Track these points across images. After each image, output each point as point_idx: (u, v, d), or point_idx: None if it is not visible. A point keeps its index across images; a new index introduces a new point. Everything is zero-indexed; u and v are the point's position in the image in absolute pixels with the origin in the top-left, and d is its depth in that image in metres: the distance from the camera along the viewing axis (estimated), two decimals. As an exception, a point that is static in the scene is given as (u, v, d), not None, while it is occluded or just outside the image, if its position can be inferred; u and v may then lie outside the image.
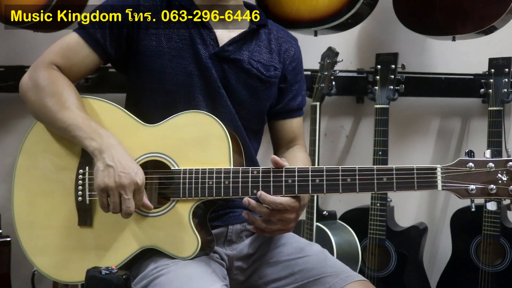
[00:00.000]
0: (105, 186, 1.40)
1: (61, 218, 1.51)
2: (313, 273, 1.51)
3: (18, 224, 1.55)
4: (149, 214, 1.48)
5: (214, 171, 1.44)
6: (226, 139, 1.46)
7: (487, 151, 1.31)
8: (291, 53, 1.71)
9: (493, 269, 2.40)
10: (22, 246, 1.54)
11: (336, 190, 1.39)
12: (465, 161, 1.31)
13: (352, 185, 1.38)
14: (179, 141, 1.49)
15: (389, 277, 2.41)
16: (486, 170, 1.29)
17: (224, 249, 1.62)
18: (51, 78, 1.52)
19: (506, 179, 1.28)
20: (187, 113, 1.50)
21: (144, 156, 1.50)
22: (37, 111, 1.52)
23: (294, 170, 1.41)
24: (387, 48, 2.62)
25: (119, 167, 1.39)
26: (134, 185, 1.39)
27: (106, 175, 1.40)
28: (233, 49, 1.62)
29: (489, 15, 2.21)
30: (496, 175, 1.29)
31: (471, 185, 1.30)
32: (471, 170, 1.30)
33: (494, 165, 1.29)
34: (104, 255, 1.49)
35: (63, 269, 1.51)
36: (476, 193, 1.30)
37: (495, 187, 1.29)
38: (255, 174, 1.43)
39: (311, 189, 1.40)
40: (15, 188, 1.56)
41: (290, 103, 1.72)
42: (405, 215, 2.67)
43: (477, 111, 2.68)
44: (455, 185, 1.31)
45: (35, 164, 1.54)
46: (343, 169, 1.39)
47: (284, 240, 1.63)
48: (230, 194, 1.44)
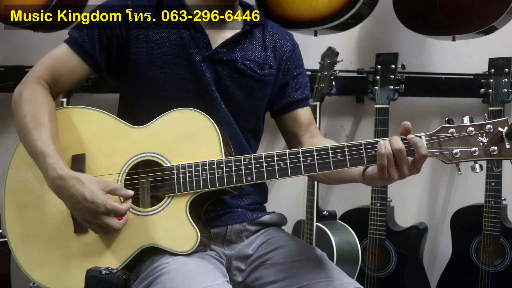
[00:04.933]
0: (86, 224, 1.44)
1: (56, 228, 1.51)
2: (308, 277, 1.50)
3: (11, 239, 1.53)
4: (145, 213, 1.48)
5: (207, 163, 1.46)
6: (215, 131, 1.48)
7: (465, 118, 1.37)
8: (288, 48, 1.71)
9: (493, 269, 2.40)
10: (18, 261, 1.52)
11: (328, 168, 1.40)
12: (447, 128, 1.37)
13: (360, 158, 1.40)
14: (169, 139, 1.50)
15: (389, 277, 2.41)
16: (467, 134, 1.36)
17: (223, 248, 1.62)
18: (35, 98, 1.52)
19: (486, 141, 1.35)
20: (174, 111, 1.51)
21: (136, 157, 1.50)
22: (16, 124, 1.53)
23: (285, 154, 1.43)
24: (387, 48, 2.62)
25: (75, 205, 1.41)
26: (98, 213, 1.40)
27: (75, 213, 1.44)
28: (226, 51, 1.61)
29: (489, 15, 2.21)
30: (477, 138, 1.35)
31: (455, 149, 1.35)
32: (453, 136, 1.36)
33: (474, 129, 1.35)
34: (103, 259, 1.48)
35: (62, 278, 1.50)
36: (460, 156, 1.35)
37: (477, 149, 1.35)
38: (247, 162, 1.44)
39: (303, 169, 1.42)
40: (6, 202, 1.55)
41: (296, 95, 1.71)
42: (405, 215, 2.68)
43: (477, 111, 2.68)
44: (440, 150, 1.36)
45: (25, 177, 1.54)
46: (332, 147, 1.41)
47: (283, 242, 1.62)
48: (225, 183, 1.45)
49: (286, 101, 1.70)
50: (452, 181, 2.79)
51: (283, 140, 1.76)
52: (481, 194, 2.41)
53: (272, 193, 2.51)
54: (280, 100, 1.71)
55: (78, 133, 1.54)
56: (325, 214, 2.38)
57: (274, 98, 1.71)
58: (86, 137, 1.54)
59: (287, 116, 1.72)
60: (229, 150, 1.51)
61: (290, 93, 1.70)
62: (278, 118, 1.74)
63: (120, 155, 1.51)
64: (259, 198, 1.72)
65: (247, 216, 1.65)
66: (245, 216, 1.64)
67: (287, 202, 2.61)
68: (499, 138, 1.34)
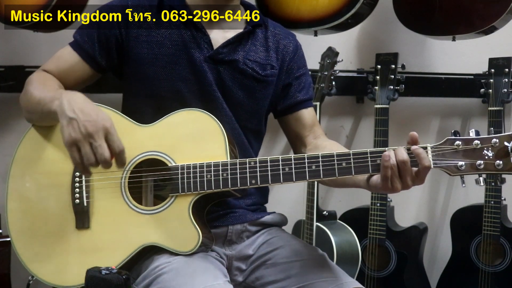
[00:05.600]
0: (73, 140, 1.34)
1: (58, 223, 1.51)
2: (308, 277, 1.51)
3: (13, 233, 1.54)
4: (148, 212, 1.48)
5: (212, 164, 1.46)
6: (221, 132, 1.48)
7: (471, 131, 1.37)
8: (290, 49, 1.71)
9: (493, 269, 2.40)
10: (19, 255, 1.53)
11: (332, 174, 1.40)
12: (453, 140, 1.37)
13: (365, 167, 1.39)
14: (174, 138, 1.50)
15: (389, 277, 2.41)
16: (473, 147, 1.36)
17: (224, 249, 1.62)
18: (41, 75, 1.59)
19: (492, 155, 1.35)
20: (181, 111, 1.52)
21: (141, 156, 1.50)
22: (23, 100, 1.56)
23: (290, 159, 1.43)
24: (387, 48, 2.62)
25: (81, 117, 1.35)
26: (102, 130, 1.34)
27: (71, 129, 1.34)
28: (227, 51, 1.62)
29: (489, 15, 2.21)
30: (482, 151, 1.35)
31: (460, 162, 1.36)
32: (458, 148, 1.36)
33: (480, 142, 1.35)
34: (104, 256, 1.48)
35: (62, 273, 1.51)
36: (465, 169, 1.36)
37: (482, 162, 1.35)
38: (252, 165, 1.44)
39: (308, 175, 1.42)
40: (8, 197, 1.56)
41: (300, 96, 1.71)
42: (405, 215, 2.67)
43: (477, 111, 2.68)
44: (445, 162, 1.36)
45: (29, 172, 1.54)
46: (338, 154, 1.41)
47: (283, 242, 1.63)
48: (229, 185, 1.45)
49: (290, 102, 1.70)
50: (452, 181, 2.78)
51: (283, 140, 1.77)
52: (481, 194, 2.41)
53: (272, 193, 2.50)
54: (283, 101, 1.71)
55: None
56: (325, 214, 2.38)
57: (277, 98, 1.71)
58: None
59: (291, 117, 1.72)
60: (234, 152, 1.51)
61: (293, 94, 1.70)
62: (281, 119, 1.74)
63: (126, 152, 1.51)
64: (260, 198, 1.72)
65: (248, 216, 1.65)
66: (246, 217, 1.64)
67: (287, 202, 2.61)
68: (504, 153, 1.34)
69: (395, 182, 1.36)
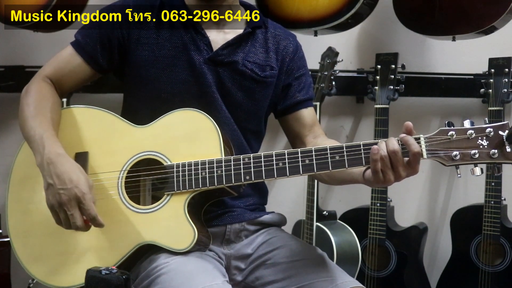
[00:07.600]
0: (50, 205, 1.41)
1: (55, 224, 1.51)
2: (308, 277, 1.51)
3: (12, 234, 1.55)
4: (144, 211, 1.49)
5: (207, 162, 1.47)
6: (215, 130, 1.49)
7: (466, 121, 1.37)
8: (290, 49, 1.71)
9: (493, 269, 2.40)
10: (17, 256, 1.54)
11: (326, 168, 1.41)
12: (446, 130, 1.36)
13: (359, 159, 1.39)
14: (170, 138, 1.51)
15: (389, 277, 2.41)
16: (467, 137, 1.35)
17: (222, 248, 1.62)
18: (38, 92, 1.57)
19: (486, 144, 1.34)
20: (176, 111, 1.53)
21: (136, 156, 1.52)
22: (19, 113, 1.55)
23: (283, 153, 1.44)
24: (387, 48, 2.62)
25: (57, 185, 1.39)
26: (75, 200, 1.38)
27: (50, 194, 1.41)
28: (227, 53, 1.62)
29: (489, 15, 2.21)
30: (477, 141, 1.34)
31: (454, 151, 1.34)
32: (452, 138, 1.35)
33: (474, 131, 1.35)
34: (101, 255, 1.49)
35: (60, 274, 1.51)
36: (459, 158, 1.34)
37: (477, 151, 1.34)
38: (246, 161, 1.45)
39: (301, 169, 1.42)
40: (9, 198, 1.57)
41: (300, 96, 1.71)
42: (405, 215, 2.67)
43: (477, 111, 2.68)
44: (439, 152, 1.35)
45: (29, 174, 1.55)
46: (331, 147, 1.41)
47: (283, 242, 1.63)
48: (224, 182, 1.46)
49: (290, 102, 1.71)
50: (452, 181, 2.79)
51: (283, 140, 1.77)
52: (481, 194, 2.42)
53: (272, 193, 2.51)
54: (283, 101, 1.71)
55: (81, 131, 1.56)
56: (325, 214, 2.38)
57: (277, 99, 1.71)
58: (89, 136, 1.56)
59: (291, 117, 1.72)
60: (229, 150, 1.52)
61: (293, 94, 1.70)
62: (281, 119, 1.74)
63: (121, 153, 1.52)
64: (259, 199, 1.72)
65: (246, 215, 1.65)
66: (244, 216, 1.64)
67: (287, 202, 2.61)
68: (499, 142, 1.33)
69: (387, 173, 1.35)
